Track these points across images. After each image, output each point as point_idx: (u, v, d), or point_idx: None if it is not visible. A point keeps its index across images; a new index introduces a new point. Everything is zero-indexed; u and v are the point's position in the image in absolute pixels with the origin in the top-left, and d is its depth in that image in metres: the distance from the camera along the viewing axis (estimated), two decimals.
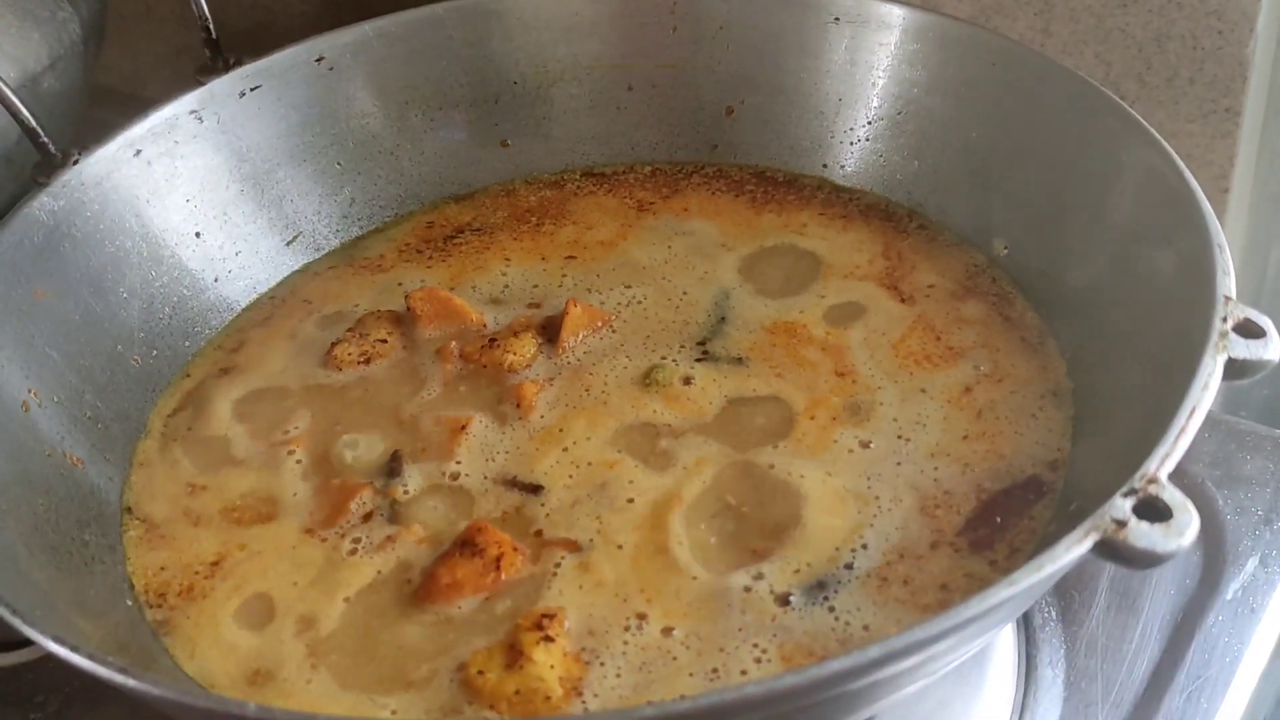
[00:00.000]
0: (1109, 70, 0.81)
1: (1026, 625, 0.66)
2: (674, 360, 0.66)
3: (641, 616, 0.54)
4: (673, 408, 0.64)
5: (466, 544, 0.57)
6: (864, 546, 0.56)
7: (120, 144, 0.70)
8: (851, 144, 0.76)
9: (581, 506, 0.59)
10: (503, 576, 0.56)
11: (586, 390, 0.65)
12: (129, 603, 0.58)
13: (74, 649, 0.44)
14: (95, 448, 0.63)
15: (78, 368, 0.65)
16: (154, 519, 0.62)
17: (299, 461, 0.64)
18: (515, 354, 0.67)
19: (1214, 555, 0.68)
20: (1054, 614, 0.66)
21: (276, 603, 0.57)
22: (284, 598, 0.57)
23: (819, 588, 0.55)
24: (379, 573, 0.58)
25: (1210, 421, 0.74)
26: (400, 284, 0.73)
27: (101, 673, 0.43)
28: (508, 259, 0.75)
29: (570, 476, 0.61)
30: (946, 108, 0.73)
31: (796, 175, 0.77)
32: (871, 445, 0.61)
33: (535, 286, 0.72)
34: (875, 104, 0.75)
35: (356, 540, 0.60)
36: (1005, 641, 0.65)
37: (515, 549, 0.57)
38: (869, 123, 0.76)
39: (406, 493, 0.61)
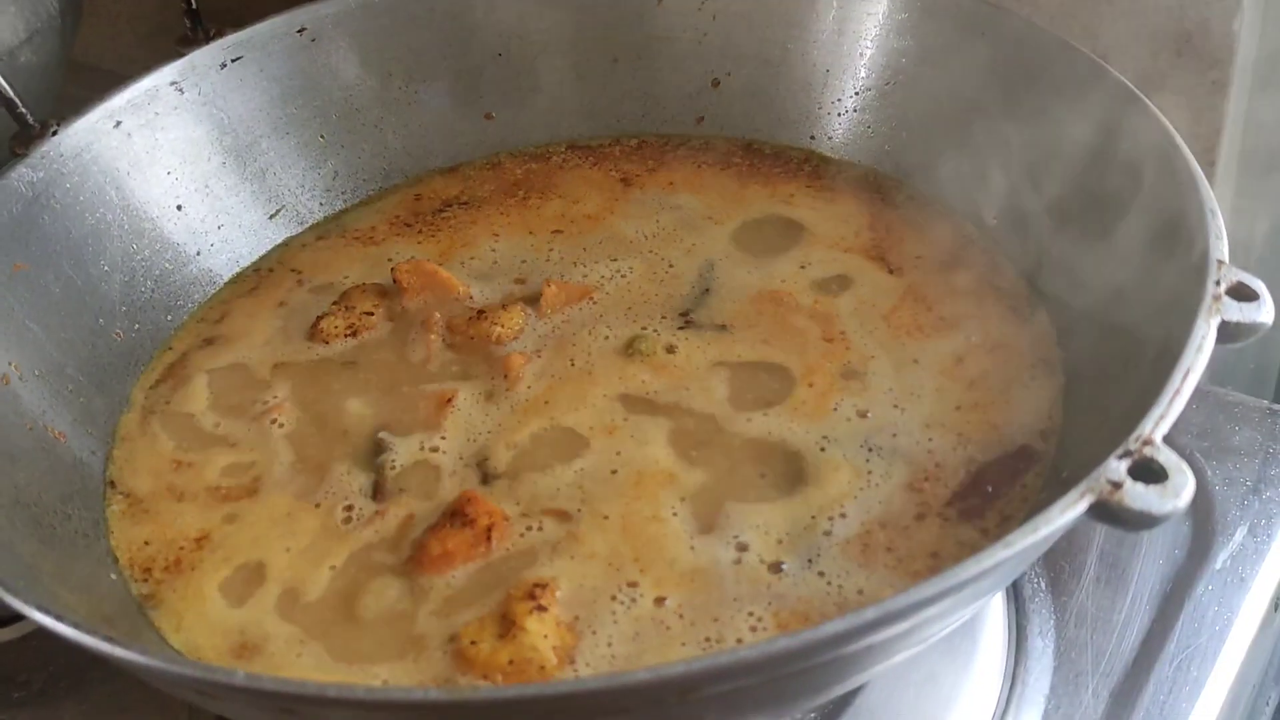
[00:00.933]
0: (1096, 43, 0.81)
1: (1016, 596, 0.66)
2: (655, 330, 0.66)
3: (633, 585, 0.54)
4: (660, 376, 0.63)
5: (457, 514, 0.57)
6: (843, 515, 0.56)
7: (100, 115, 0.70)
8: (839, 115, 0.76)
9: (568, 477, 0.59)
10: (494, 547, 0.56)
11: (571, 362, 0.64)
12: (114, 576, 0.57)
13: (59, 618, 0.43)
14: (77, 421, 0.63)
15: (59, 341, 0.64)
16: (137, 493, 0.61)
17: (285, 434, 0.63)
18: (503, 326, 0.66)
19: (1203, 525, 0.68)
20: (1043, 585, 0.66)
21: (263, 575, 0.57)
22: (272, 570, 0.57)
23: (803, 553, 0.55)
24: (369, 543, 0.58)
25: (1198, 393, 0.74)
26: (390, 259, 0.73)
27: (87, 642, 0.42)
28: (496, 234, 0.74)
29: (559, 448, 0.60)
30: (935, 78, 0.72)
31: (784, 147, 0.77)
32: (869, 415, 0.60)
33: (523, 261, 0.72)
34: (863, 75, 0.75)
35: (348, 508, 0.59)
36: (995, 612, 0.65)
37: (506, 519, 0.57)
38: (857, 93, 0.75)
39: (394, 466, 0.61)
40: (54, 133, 0.67)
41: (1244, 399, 0.74)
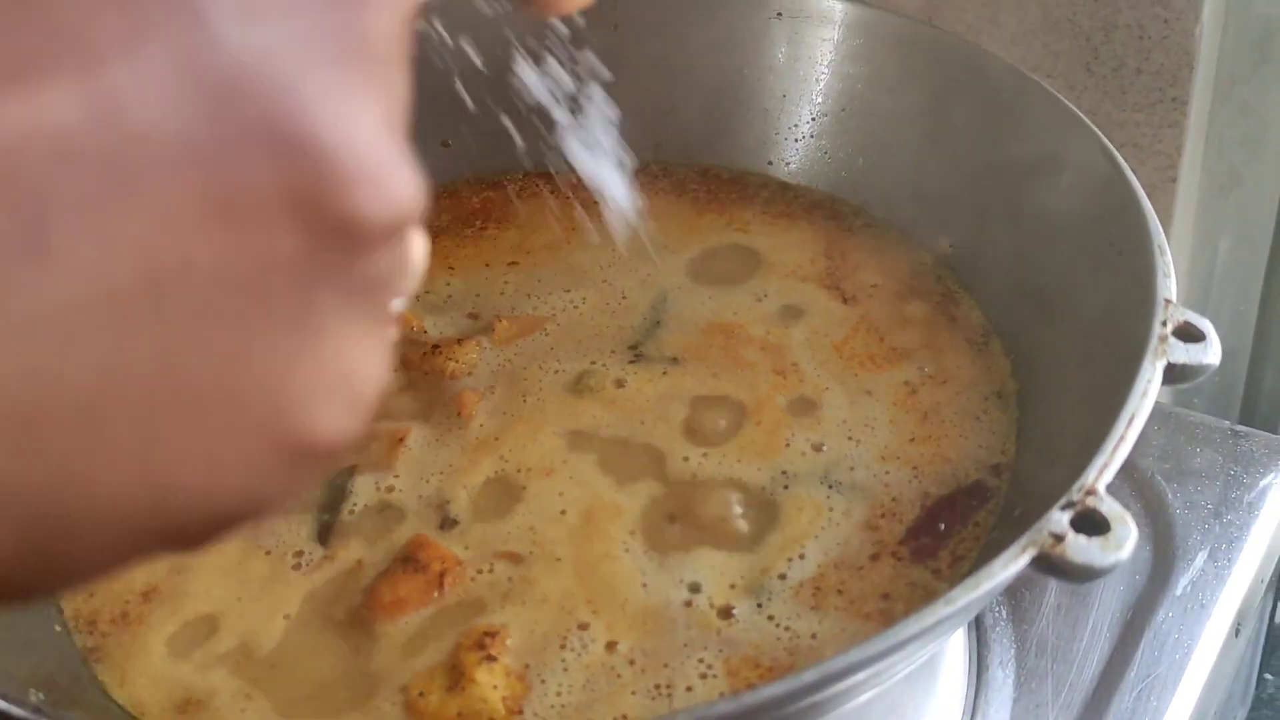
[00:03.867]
0: (1057, 60, 0.80)
1: (977, 626, 0.66)
2: (604, 364, 0.65)
3: (584, 628, 0.53)
4: (610, 411, 0.63)
5: (409, 560, 0.56)
6: (801, 557, 0.56)
7: None
8: (796, 141, 0.75)
9: (521, 519, 0.58)
10: (446, 592, 0.55)
11: (523, 398, 0.64)
12: (58, 629, 0.56)
13: None
14: None
15: None
16: None
17: None
18: (457, 361, 0.66)
19: (1163, 550, 0.68)
20: (1004, 614, 0.66)
21: (212, 627, 0.56)
22: (222, 621, 0.56)
23: (754, 597, 0.54)
24: (319, 591, 0.57)
25: (1160, 414, 0.74)
26: None
27: (16, 714, 0.42)
28: (451, 267, 0.73)
29: (510, 488, 0.59)
30: (890, 103, 0.72)
31: (741, 173, 0.76)
32: (824, 449, 0.60)
33: (477, 295, 0.71)
34: (819, 100, 0.74)
35: (298, 554, 0.58)
36: (956, 643, 0.64)
37: (459, 564, 0.56)
38: (813, 119, 0.75)
39: (348, 509, 0.60)
40: None
41: (1206, 420, 0.74)
